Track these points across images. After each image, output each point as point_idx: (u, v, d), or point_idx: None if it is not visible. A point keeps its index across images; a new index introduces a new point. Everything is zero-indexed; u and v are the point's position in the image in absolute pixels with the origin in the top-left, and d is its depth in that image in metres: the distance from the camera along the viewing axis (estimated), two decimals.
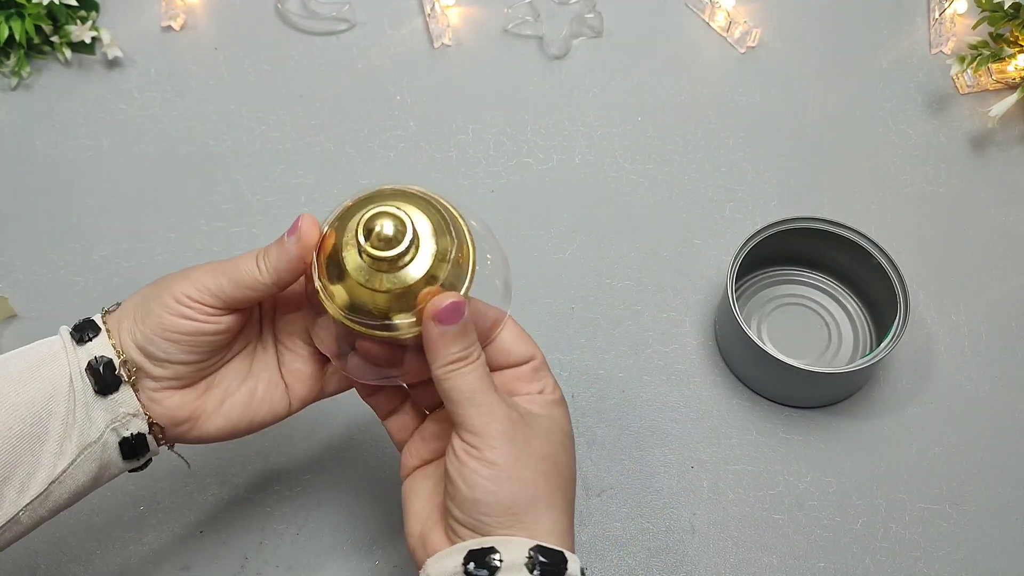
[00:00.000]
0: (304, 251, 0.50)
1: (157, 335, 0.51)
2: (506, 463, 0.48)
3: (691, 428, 0.71)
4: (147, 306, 0.51)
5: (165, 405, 0.52)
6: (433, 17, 0.88)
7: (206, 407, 0.54)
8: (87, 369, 0.51)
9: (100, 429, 0.51)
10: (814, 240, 0.72)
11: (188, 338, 0.51)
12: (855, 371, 0.67)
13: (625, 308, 0.76)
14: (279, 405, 0.55)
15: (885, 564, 0.66)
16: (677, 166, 0.82)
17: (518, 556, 0.46)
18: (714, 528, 0.68)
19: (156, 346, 0.51)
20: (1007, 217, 0.79)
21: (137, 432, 0.52)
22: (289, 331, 0.56)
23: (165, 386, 0.52)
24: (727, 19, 0.87)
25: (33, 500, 0.50)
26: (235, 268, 0.51)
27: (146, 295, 0.52)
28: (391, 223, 0.46)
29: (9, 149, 0.83)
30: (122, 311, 0.53)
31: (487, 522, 0.47)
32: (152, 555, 0.67)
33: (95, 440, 0.51)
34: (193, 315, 0.50)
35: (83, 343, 0.52)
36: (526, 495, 0.48)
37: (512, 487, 0.47)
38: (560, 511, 0.49)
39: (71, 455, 0.50)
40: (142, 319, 0.51)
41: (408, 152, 0.83)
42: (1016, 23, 0.82)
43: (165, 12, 0.88)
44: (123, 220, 0.80)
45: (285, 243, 0.50)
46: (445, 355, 0.48)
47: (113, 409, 0.51)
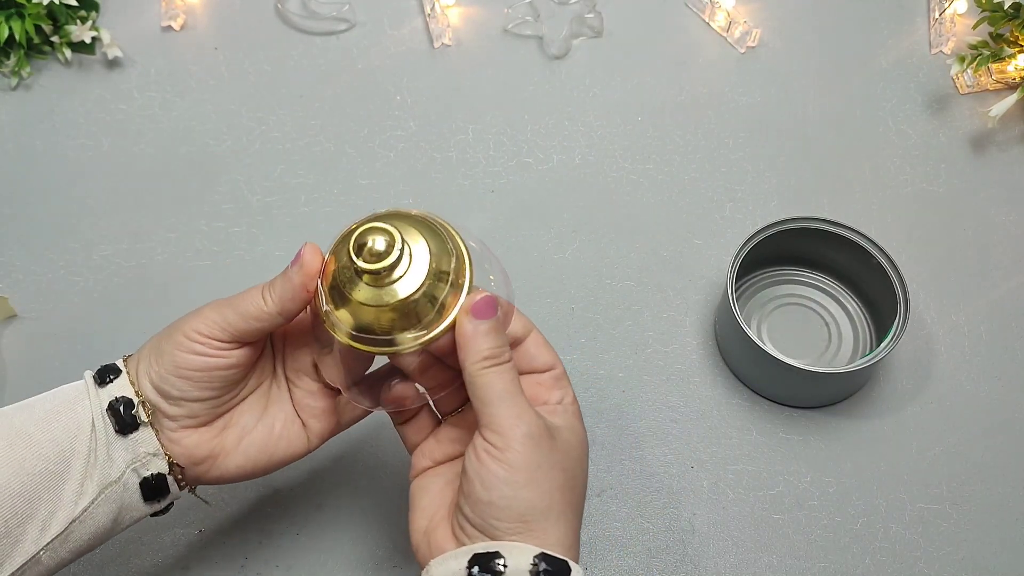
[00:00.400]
0: (307, 279, 0.51)
1: (171, 373, 0.52)
2: (526, 469, 0.47)
3: (691, 428, 0.71)
4: (160, 346, 0.53)
5: (184, 444, 0.53)
6: (433, 17, 0.88)
7: (225, 445, 0.54)
8: (108, 409, 0.52)
9: (120, 468, 0.52)
10: (814, 240, 0.72)
11: (200, 374, 0.52)
12: (855, 371, 0.67)
13: (625, 308, 0.76)
14: (297, 442, 0.56)
15: (885, 564, 0.66)
16: (677, 166, 0.82)
17: (523, 562, 0.46)
18: (714, 528, 0.68)
19: (171, 384, 0.52)
20: (1007, 217, 0.79)
21: (157, 472, 0.53)
22: (297, 368, 0.57)
23: (183, 425, 0.53)
24: (727, 19, 0.87)
25: (54, 539, 0.50)
26: (241, 301, 0.52)
27: (160, 336, 0.53)
28: (381, 237, 0.47)
29: (9, 149, 0.83)
30: (139, 354, 0.54)
31: (497, 526, 0.47)
32: (152, 555, 0.67)
33: (115, 479, 0.52)
34: (204, 350, 0.51)
35: (104, 385, 0.53)
36: (540, 505, 0.48)
37: (528, 495, 0.47)
38: (570, 524, 0.49)
39: (91, 494, 0.51)
40: (157, 359, 0.52)
41: (408, 152, 0.83)
42: (1016, 23, 0.82)
43: (165, 12, 0.88)
44: (123, 220, 0.80)
45: (288, 273, 0.51)
46: (480, 350, 0.48)
47: (133, 448, 0.52)
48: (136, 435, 0.52)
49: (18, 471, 0.49)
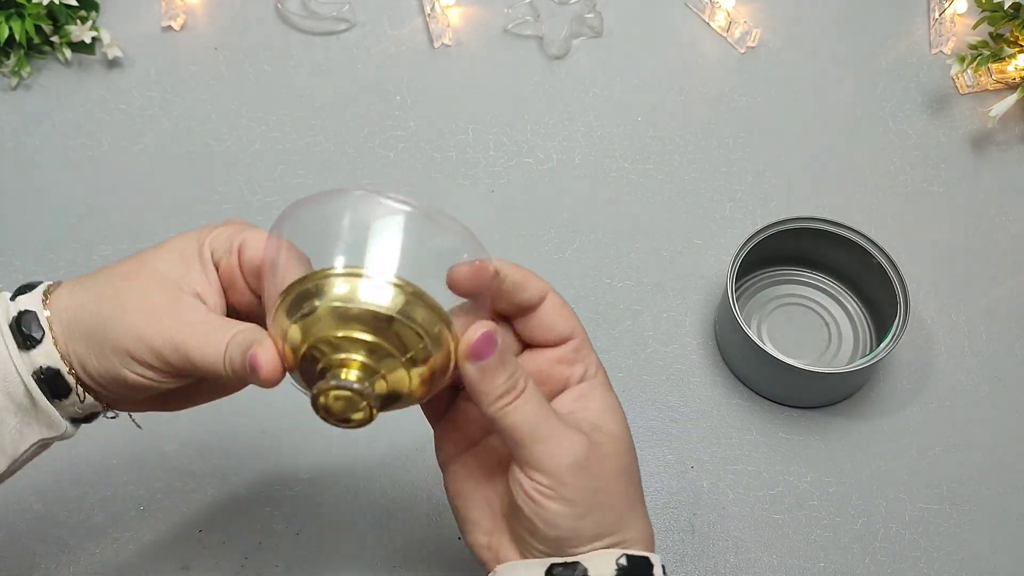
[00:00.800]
0: (273, 380, 0.43)
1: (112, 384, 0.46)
2: (586, 498, 0.45)
3: (691, 428, 0.71)
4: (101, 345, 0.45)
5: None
6: (433, 17, 0.88)
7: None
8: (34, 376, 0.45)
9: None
10: (814, 240, 0.72)
11: (145, 392, 0.46)
12: (855, 371, 0.67)
13: (625, 308, 0.76)
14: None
15: (885, 564, 0.66)
16: (677, 166, 0.82)
17: (605, 569, 0.45)
18: (714, 528, 0.68)
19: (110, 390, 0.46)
20: (1007, 217, 0.79)
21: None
22: None
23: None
24: (727, 19, 0.87)
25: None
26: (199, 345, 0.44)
27: (99, 325, 0.45)
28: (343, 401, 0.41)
29: (9, 149, 0.83)
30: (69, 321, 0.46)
31: (572, 549, 0.46)
32: (152, 555, 0.67)
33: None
34: (150, 377, 0.45)
35: (27, 349, 0.45)
36: (610, 519, 0.46)
37: (596, 518, 0.45)
38: (640, 515, 0.48)
39: None
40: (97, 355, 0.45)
41: (408, 152, 0.83)
42: (1016, 23, 0.82)
43: (165, 12, 0.88)
44: (123, 220, 0.80)
45: (251, 378, 0.43)
46: (493, 392, 0.44)
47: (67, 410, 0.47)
48: (66, 401, 0.46)
49: None
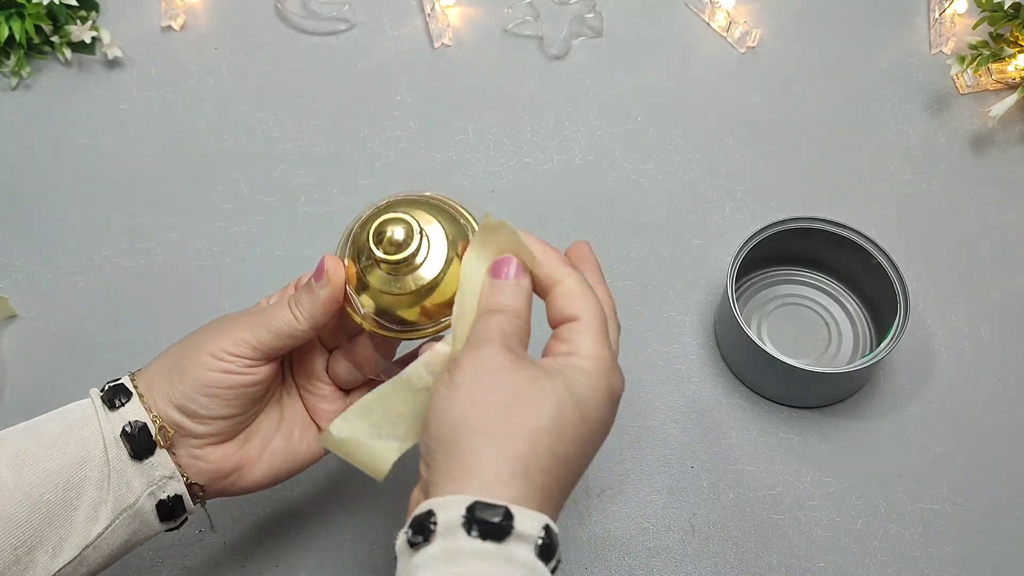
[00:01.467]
0: (336, 291, 0.52)
1: (197, 392, 0.51)
2: (465, 383, 0.44)
3: (691, 428, 0.71)
4: (182, 365, 0.52)
5: (210, 460, 0.53)
6: (433, 17, 0.88)
7: (250, 455, 0.55)
8: (122, 435, 0.51)
9: (136, 494, 0.51)
10: (814, 240, 0.72)
11: (229, 391, 0.52)
12: (855, 371, 0.67)
13: (625, 308, 0.76)
14: (316, 445, 0.57)
15: (885, 564, 0.66)
16: (677, 166, 0.82)
17: (453, 516, 0.41)
18: (714, 528, 0.68)
19: (197, 403, 0.52)
20: (1007, 217, 0.79)
21: (174, 494, 0.53)
22: (308, 373, 0.57)
23: (207, 442, 0.53)
24: (727, 19, 0.87)
25: (67, 565, 0.50)
26: (272, 319, 0.52)
27: (178, 354, 0.53)
28: (400, 227, 0.49)
29: (9, 149, 0.83)
30: (153, 372, 0.53)
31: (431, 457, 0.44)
32: (152, 555, 0.67)
33: (131, 505, 0.51)
34: (232, 368, 0.51)
35: (115, 408, 0.52)
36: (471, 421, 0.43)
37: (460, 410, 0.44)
38: (511, 452, 0.42)
39: (106, 520, 0.51)
40: (179, 378, 0.52)
41: (408, 152, 0.83)
42: (1016, 23, 0.82)
43: (165, 12, 0.88)
44: (123, 220, 0.80)
45: (315, 289, 0.51)
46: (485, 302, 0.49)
47: (149, 473, 0.52)
48: (152, 459, 0.52)
49: (25, 498, 0.49)
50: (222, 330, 0.52)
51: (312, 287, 0.52)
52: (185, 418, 0.52)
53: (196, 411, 0.52)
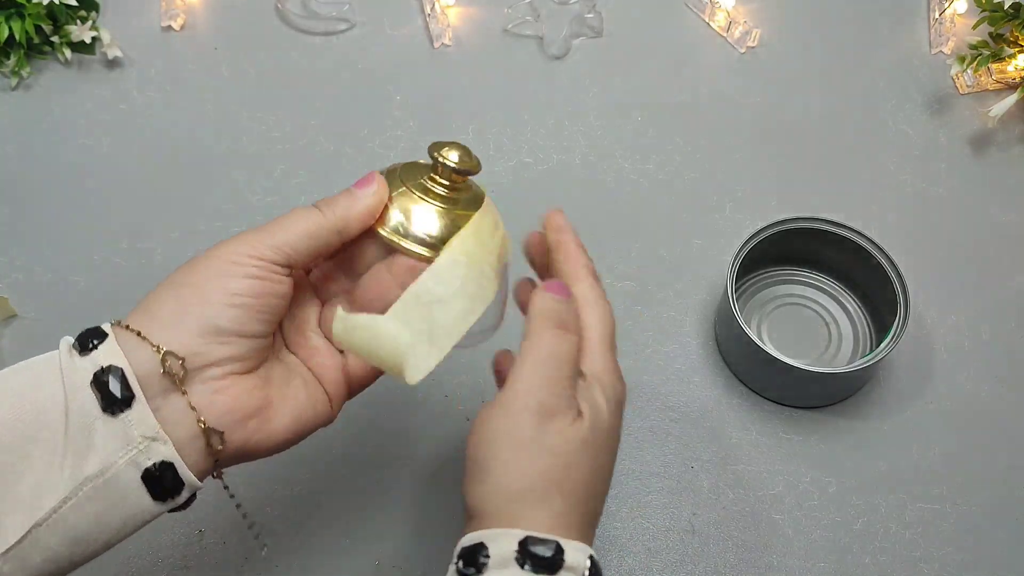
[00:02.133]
0: (377, 203, 0.49)
1: (223, 303, 0.45)
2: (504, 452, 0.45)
3: (691, 428, 0.71)
4: (194, 282, 0.45)
5: (233, 393, 0.45)
6: (433, 17, 0.88)
7: (273, 394, 0.47)
8: (93, 383, 0.42)
9: (104, 459, 0.41)
10: (814, 240, 0.72)
11: (256, 301, 0.46)
12: (855, 371, 0.67)
13: (625, 308, 0.76)
14: (322, 404, 0.50)
15: (885, 564, 0.66)
16: (677, 166, 0.82)
17: (507, 550, 0.43)
18: (714, 528, 0.68)
19: (225, 318, 0.45)
20: (1007, 217, 0.79)
21: (160, 461, 0.42)
22: (297, 326, 0.51)
23: (231, 370, 0.46)
24: (727, 19, 0.87)
25: (13, 547, 0.40)
26: (293, 220, 0.48)
27: (182, 277, 0.46)
28: (457, 151, 0.51)
29: (9, 149, 0.83)
30: (152, 304, 0.45)
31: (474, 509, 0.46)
32: (152, 555, 0.67)
33: (98, 473, 0.41)
34: (258, 272, 0.46)
35: (87, 351, 0.43)
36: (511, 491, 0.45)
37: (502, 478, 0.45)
38: (556, 514, 0.45)
39: (63, 491, 0.41)
40: (196, 297, 0.45)
41: (408, 152, 0.83)
42: (1016, 23, 0.82)
43: (165, 12, 0.88)
44: (123, 220, 0.80)
45: (356, 194, 0.49)
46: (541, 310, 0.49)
47: (126, 432, 0.42)
48: (129, 414, 0.42)
49: None
50: (235, 239, 0.47)
51: (353, 192, 0.49)
52: (206, 340, 0.44)
53: (222, 326, 0.44)
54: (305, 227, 0.48)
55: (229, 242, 0.47)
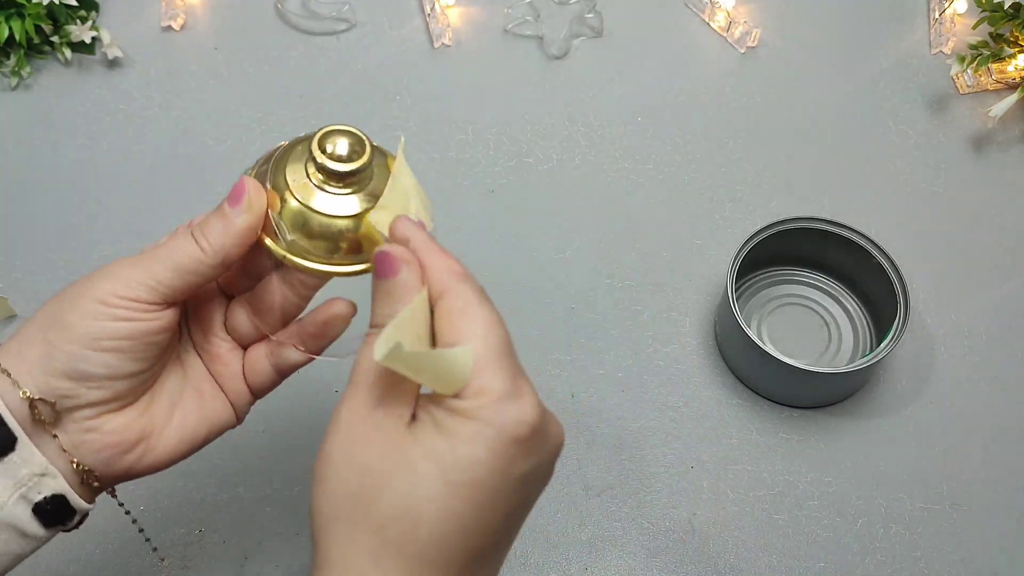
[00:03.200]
0: (257, 218, 0.44)
1: (90, 348, 0.42)
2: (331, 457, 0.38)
3: (691, 428, 0.71)
4: (62, 321, 0.42)
5: (108, 430, 0.44)
6: (433, 17, 0.88)
7: (157, 419, 0.46)
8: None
9: (1, 501, 0.42)
10: (814, 240, 0.73)
11: (129, 343, 0.43)
12: (855, 371, 0.67)
13: (625, 308, 0.76)
14: (223, 410, 0.48)
15: (885, 564, 0.66)
16: (677, 166, 0.82)
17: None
18: (714, 528, 0.68)
19: (90, 362, 0.42)
20: (1007, 217, 0.79)
21: (52, 494, 0.43)
22: (203, 327, 0.49)
23: (105, 409, 0.44)
24: (727, 19, 0.87)
25: None
26: (170, 253, 0.43)
27: (54, 311, 0.43)
28: (346, 140, 0.44)
29: (9, 149, 0.83)
30: (20, 341, 0.43)
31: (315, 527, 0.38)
32: (152, 555, 0.67)
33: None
34: (129, 314, 0.42)
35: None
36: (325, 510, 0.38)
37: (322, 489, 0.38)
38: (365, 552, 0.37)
39: None
40: (61, 337, 0.42)
41: (408, 152, 0.82)
42: (1016, 23, 0.82)
43: (165, 12, 0.88)
44: (123, 220, 0.80)
45: (229, 215, 0.43)
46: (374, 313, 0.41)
47: (13, 473, 0.42)
48: (13, 455, 0.42)
49: None
50: (108, 273, 0.43)
51: (226, 213, 0.43)
52: (75, 384, 0.42)
53: (90, 371, 0.42)
54: (183, 263, 0.43)
55: (101, 277, 0.43)
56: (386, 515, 0.36)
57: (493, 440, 0.36)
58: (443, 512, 0.36)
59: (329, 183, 0.44)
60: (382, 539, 0.36)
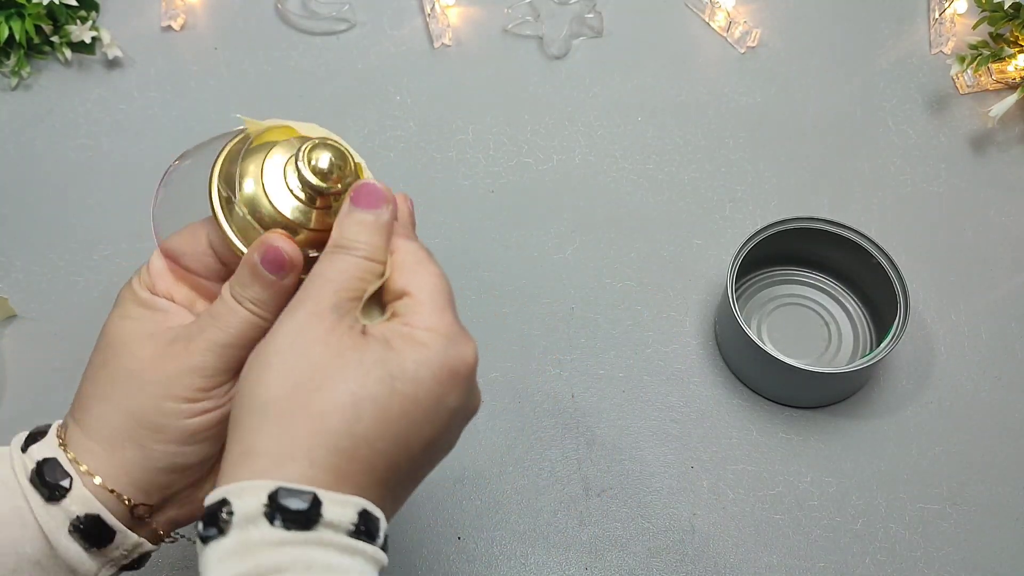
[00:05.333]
0: (299, 272, 0.43)
1: (186, 445, 0.43)
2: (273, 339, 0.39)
3: (691, 428, 0.71)
4: (154, 424, 0.42)
5: (199, 501, 0.44)
6: (433, 17, 0.88)
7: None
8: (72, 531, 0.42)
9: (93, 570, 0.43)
10: (814, 240, 0.73)
11: (219, 428, 0.43)
12: (855, 371, 0.67)
13: (625, 308, 0.76)
14: None
15: (885, 564, 0.66)
16: (677, 166, 0.82)
17: (253, 504, 0.36)
18: (714, 528, 0.68)
19: (188, 456, 0.43)
20: (1007, 217, 0.79)
21: (140, 555, 0.45)
22: None
23: (200, 486, 0.45)
24: (727, 19, 0.87)
25: None
26: (226, 328, 0.42)
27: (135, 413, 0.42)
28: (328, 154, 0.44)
29: (9, 149, 0.83)
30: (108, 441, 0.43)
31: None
32: (152, 555, 0.67)
33: None
34: (215, 404, 0.43)
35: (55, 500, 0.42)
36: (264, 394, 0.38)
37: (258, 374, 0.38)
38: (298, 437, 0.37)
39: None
40: (155, 439, 0.42)
41: (408, 152, 0.83)
42: (1016, 23, 0.82)
43: (165, 12, 0.88)
44: (123, 220, 0.79)
45: (272, 280, 0.42)
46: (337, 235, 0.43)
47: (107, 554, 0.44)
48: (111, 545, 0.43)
49: None
50: (171, 368, 0.42)
51: (266, 278, 0.42)
52: (176, 476, 0.43)
53: (188, 464, 0.43)
54: (245, 332, 0.42)
55: (167, 374, 0.42)
56: (329, 405, 0.37)
57: (437, 368, 0.39)
58: (383, 414, 0.38)
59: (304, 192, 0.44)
60: (319, 427, 0.37)
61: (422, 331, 0.40)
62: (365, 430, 0.38)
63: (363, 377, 0.38)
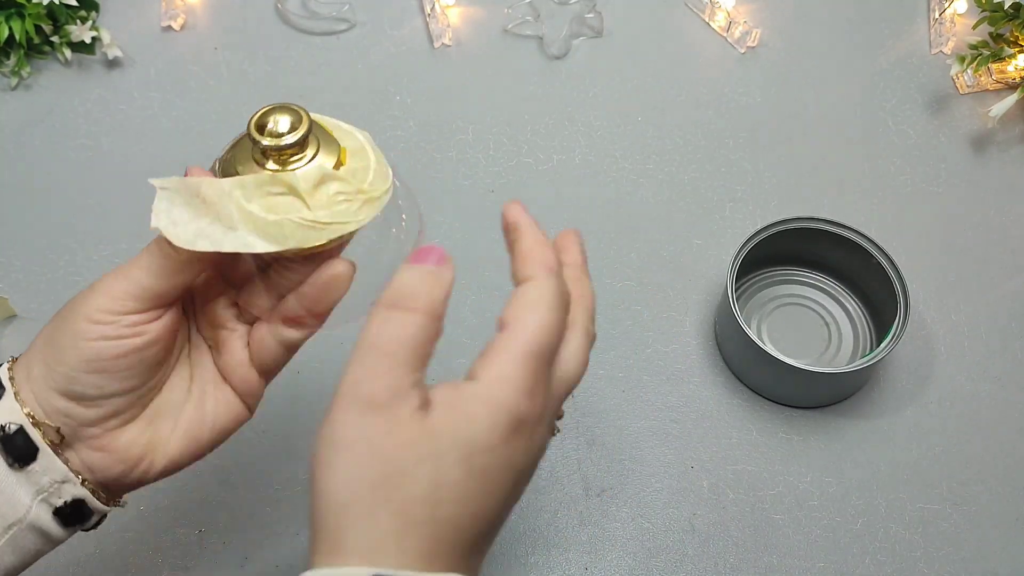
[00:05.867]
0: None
1: (81, 370, 0.42)
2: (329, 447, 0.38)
3: (691, 428, 0.71)
4: (56, 341, 0.43)
5: (114, 449, 0.44)
6: (433, 17, 0.88)
7: (160, 433, 0.46)
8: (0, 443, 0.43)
9: (26, 505, 0.43)
10: (814, 240, 0.73)
11: (118, 361, 0.43)
12: (855, 371, 0.67)
13: (625, 308, 0.76)
14: (235, 406, 0.48)
15: (885, 564, 0.66)
16: (677, 166, 0.82)
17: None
18: (714, 528, 0.68)
19: (84, 384, 0.43)
20: (1007, 217, 0.79)
21: (73, 498, 0.44)
22: (215, 321, 0.48)
23: (108, 428, 0.44)
24: (727, 19, 0.87)
25: None
26: (150, 258, 0.43)
27: (51, 329, 0.44)
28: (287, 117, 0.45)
29: (9, 149, 0.83)
30: (29, 358, 0.44)
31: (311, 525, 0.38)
32: (152, 555, 0.67)
33: (19, 519, 0.43)
34: (115, 331, 0.42)
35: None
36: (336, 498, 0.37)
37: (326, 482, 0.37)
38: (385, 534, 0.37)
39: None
40: (56, 358, 0.43)
41: (408, 152, 0.83)
42: (1016, 23, 0.82)
43: (165, 12, 0.88)
44: (123, 220, 0.80)
45: None
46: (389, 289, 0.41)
47: (36, 480, 0.44)
48: (35, 465, 0.43)
49: None
50: (97, 287, 0.43)
51: None
52: (74, 404, 0.43)
53: (85, 392, 0.43)
54: (163, 264, 0.43)
55: (91, 292, 0.43)
56: (410, 499, 0.37)
57: (507, 426, 0.38)
58: (462, 495, 0.37)
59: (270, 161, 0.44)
60: (405, 520, 0.37)
61: (491, 388, 0.38)
62: (447, 514, 0.37)
63: (439, 465, 0.37)
